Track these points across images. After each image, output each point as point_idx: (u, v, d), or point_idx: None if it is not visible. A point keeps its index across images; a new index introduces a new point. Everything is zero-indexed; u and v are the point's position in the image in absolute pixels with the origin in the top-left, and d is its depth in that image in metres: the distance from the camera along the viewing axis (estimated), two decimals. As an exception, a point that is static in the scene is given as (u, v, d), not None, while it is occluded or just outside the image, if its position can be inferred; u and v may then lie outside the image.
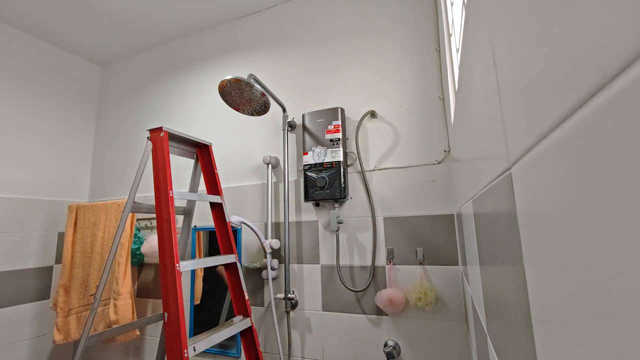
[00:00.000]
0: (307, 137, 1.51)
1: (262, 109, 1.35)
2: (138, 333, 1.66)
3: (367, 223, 1.41)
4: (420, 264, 1.29)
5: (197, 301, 1.68)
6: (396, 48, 1.49)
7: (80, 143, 2.20)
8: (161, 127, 1.16)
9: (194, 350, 0.98)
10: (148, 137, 1.18)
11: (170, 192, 1.08)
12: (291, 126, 1.61)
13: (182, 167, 1.74)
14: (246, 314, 1.25)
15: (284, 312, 1.48)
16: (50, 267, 1.95)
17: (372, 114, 1.48)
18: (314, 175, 1.45)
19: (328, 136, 1.46)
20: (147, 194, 1.83)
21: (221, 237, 1.33)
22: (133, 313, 1.64)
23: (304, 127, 1.53)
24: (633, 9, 0.12)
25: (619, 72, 0.13)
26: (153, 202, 1.11)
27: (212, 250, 1.73)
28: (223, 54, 1.92)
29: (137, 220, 1.86)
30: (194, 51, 2.02)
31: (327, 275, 1.45)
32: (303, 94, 1.64)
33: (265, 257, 1.46)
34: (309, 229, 1.52)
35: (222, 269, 1.55)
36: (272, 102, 1.41)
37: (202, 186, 1.43)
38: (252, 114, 1.39)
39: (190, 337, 1.41)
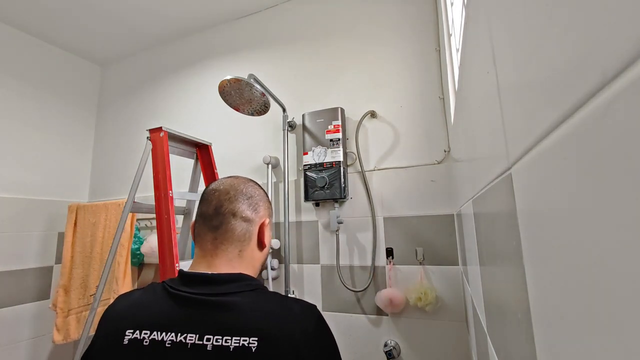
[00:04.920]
0: (307, 137, 1.51)
1: (262, 109, 1.35)
2: (138, 333, 1.66)
3: (367, 223, 1.41)
4: (420, 264, 1.29)
5: (197, 301, 1.68)
6: (396, 48, 1.49)
7: (80, 143, 2.19)
8: (161, 127, 1.16)
9: (194, 350, 0.98)
10: (148, 137, 1.18)
11: (170, 192, 1.08)
12: (291, 126, 1.61)
13: (182, 167, 1.74)
14: (246, 314, 1.25)
15: (284, 312, 1.48)
16: (50, 267, 1.95)
17: (372, 114, 1.48)
18: (314, 175, 1.45)
19: (328, 136, 1.46)
20: (147, 194, 1.83)
21: (221, 237, 1.33)
22: (133, 313, 1.64)
23: (304, 127, 1.53)
24: (633, 9, 0.12)
25: (619, 72, 0.13)
26: (153, 202, 1.11)
27: (212, 250, 1.72)
28: (223, 54, 1.92)
29: (137, 220, 1.85)
30: (194, 51, 2.02)
31: (327, 275, 1.45)
32: (303, 94, 1.64)
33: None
34: (309, 229, 1.52)
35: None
36: (272, 102, 1.41)
37: (202, 186, 1.43)
38: (252, 114, 1.39)
39: (190, 337, 1.40)
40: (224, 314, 0.50)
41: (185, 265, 1.06)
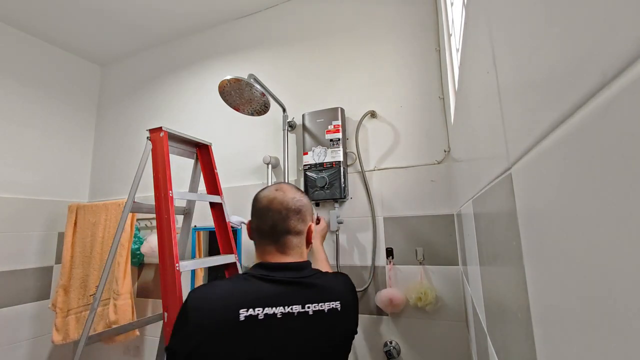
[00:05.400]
0: (307, 137, 1.51)
1: (262, 109, 1.35)
2: (138, 333, 1.66)
3: (367, 223, 1.41)
4: (420, 264, 1.29)
5: (197, 301, 1.68)
6: (396, 48, 1.49)
7: (80, 143, 2.19)
8: (161, 127, 1.16)
9: (194, 350, 0.98)
10: (148, 137, 1.18)
11: (170, 192, 1.08)
12: (291, 126, 1.61)
13: (182, 167, 1.74)
14: (246, 314, 1.25)
15: (283, 312, 1.48)
16: (50, 267, 1.95)
17: (372, 114, 1.48)
18: (314, 175, 1.45)
19: (328, 136, 1.46)
20: (147, 194, 1.83)
21: (221, 237, 1.33)
22: (133, 313, 1.64)
23: (304, 127, 1.53)
24: (633, 9, 0.12)
25: (619, 72, 0.13)
26: (153, 202, 1.11)
27: (212, 250, 1.73)
28: (223, 54, 1.92)
29: (137, 220, 1.85)
30: (194, 51, 2.02)
31: (327, 275, 1.45)
32: (303, 94, 1.64)
33: (265, 257, 1.46)
34: (309, 229, 1.52)
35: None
36: (272, 102, 1.41)
37: (202, 186, 1.43)
38: (252, 114, 1.39)
39: (190, 337, 1.40)
40: (312, 289, 0.70)
41: (189, 265, 1.06)
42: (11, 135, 1.85)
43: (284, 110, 1.56)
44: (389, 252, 1.35)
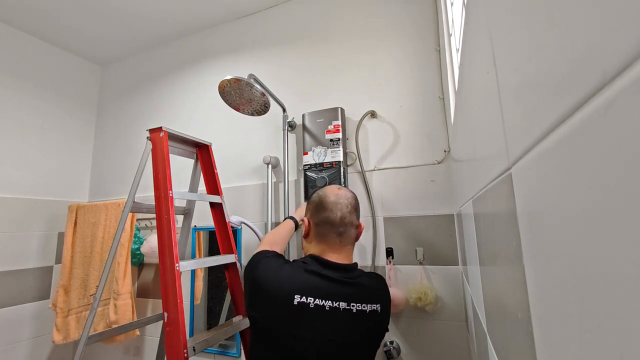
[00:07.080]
0: (307, 137, 1.51)
1: (262, 109, 1.35)
2: (138, 333, 1.66)
3: (367, 223, 1.41)
4: (420, 264, 1.29)
5: (197, 301, 1.68)
6: (396, 48, 1.48)
7: (80, 143, 2.19)
8: (161, 127, 1.16)
9: (194, 350, 0.98)
10: (148, 137, 1.18)
11: (170, 192, 1.08)
12: (291, 126, 1.61)
13: (182, 167, 1.74)
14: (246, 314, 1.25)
15: (284, 312, 1.48)
16: (50, 267, 1.95)
17: (372, 114, 1.48)
18: (314, 175, 1.45)
19: (328, 136, 1.46)
20: (147, 194, 1.83)
21: (221, 237, 1.33)
22: (133, 313, 1.64)
23: (304, 127, 1.53)
24: (633, 9, 0.12)
25: (619, 72, 0.13)
26: (153, 202, 1.11)
27: (212, 250, 1.73)
28: (223, 54, 1.92)
29: (137, 220, 1.86)
30: (194, 51, 2.02)
31: (327, 275, 1.45)
32: (303, 94, 1.64)
33: (265, 257, 1.46)
34: (309, 229, 1.52)
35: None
36: (272, 102, 1.41)
37: (202, 186, 1.43)
38: (252, 114, 1.39)
39: (190, 337, 1.41)
40: (357, 290, 0.78)
41: (189, 265, 1.06)
42: (11, 135, 1.85)
43: (284, 110, 1.56)
44: (389, 252, 1.35)
